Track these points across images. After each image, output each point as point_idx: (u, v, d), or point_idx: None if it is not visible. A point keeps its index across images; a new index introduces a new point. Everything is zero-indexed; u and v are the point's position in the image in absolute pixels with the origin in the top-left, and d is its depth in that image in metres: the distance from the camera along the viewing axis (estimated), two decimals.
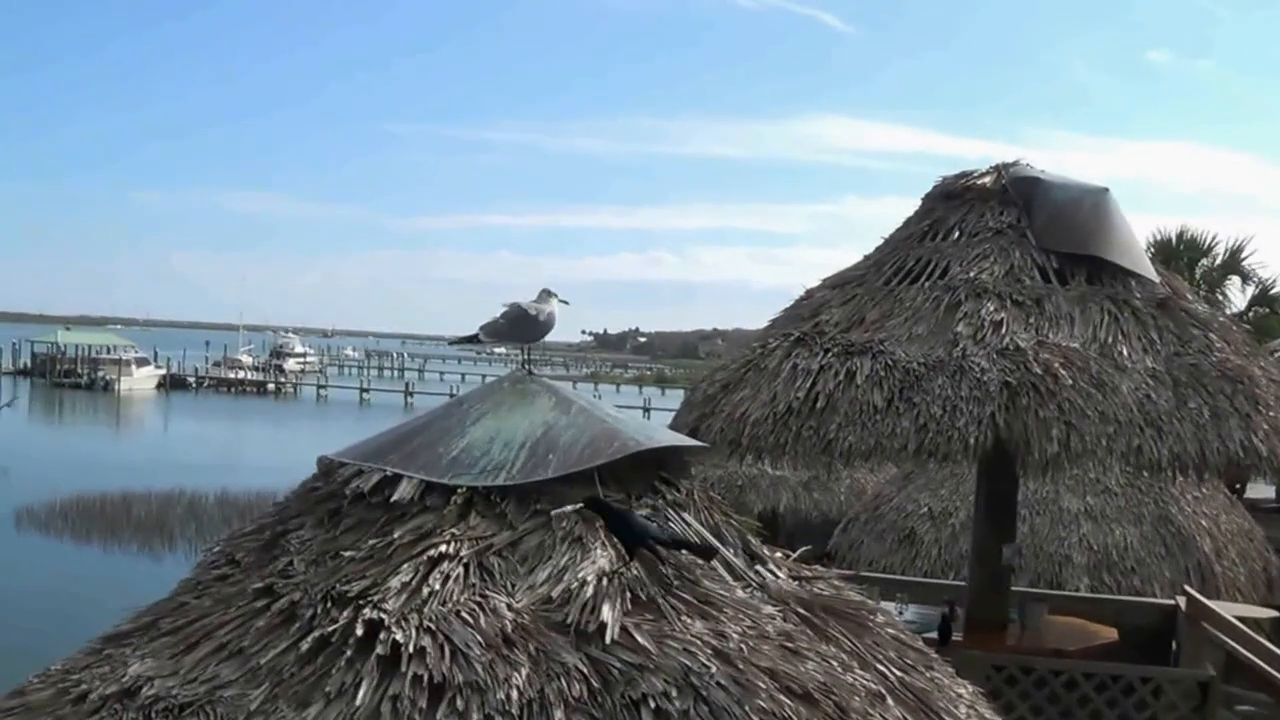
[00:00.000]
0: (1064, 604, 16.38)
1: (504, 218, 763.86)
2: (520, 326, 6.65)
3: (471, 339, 6.74)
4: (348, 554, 5.52)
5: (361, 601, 5.15)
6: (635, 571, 5.43)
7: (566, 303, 6.79)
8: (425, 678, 4.78)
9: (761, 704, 4.80)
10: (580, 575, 5.29)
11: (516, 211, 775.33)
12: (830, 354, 12.73)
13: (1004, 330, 12.51)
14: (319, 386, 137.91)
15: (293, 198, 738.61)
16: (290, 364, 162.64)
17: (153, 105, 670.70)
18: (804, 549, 6.78)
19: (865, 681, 5.32)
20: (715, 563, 5.79)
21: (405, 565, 5.33)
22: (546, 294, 6.73)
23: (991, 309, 12.79)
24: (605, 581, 5.27)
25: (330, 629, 5.06)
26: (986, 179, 14.46)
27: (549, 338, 6.88)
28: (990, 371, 12.02)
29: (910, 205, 14.97)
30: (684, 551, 5.70)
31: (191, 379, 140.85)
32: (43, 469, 55.50)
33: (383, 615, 5.03)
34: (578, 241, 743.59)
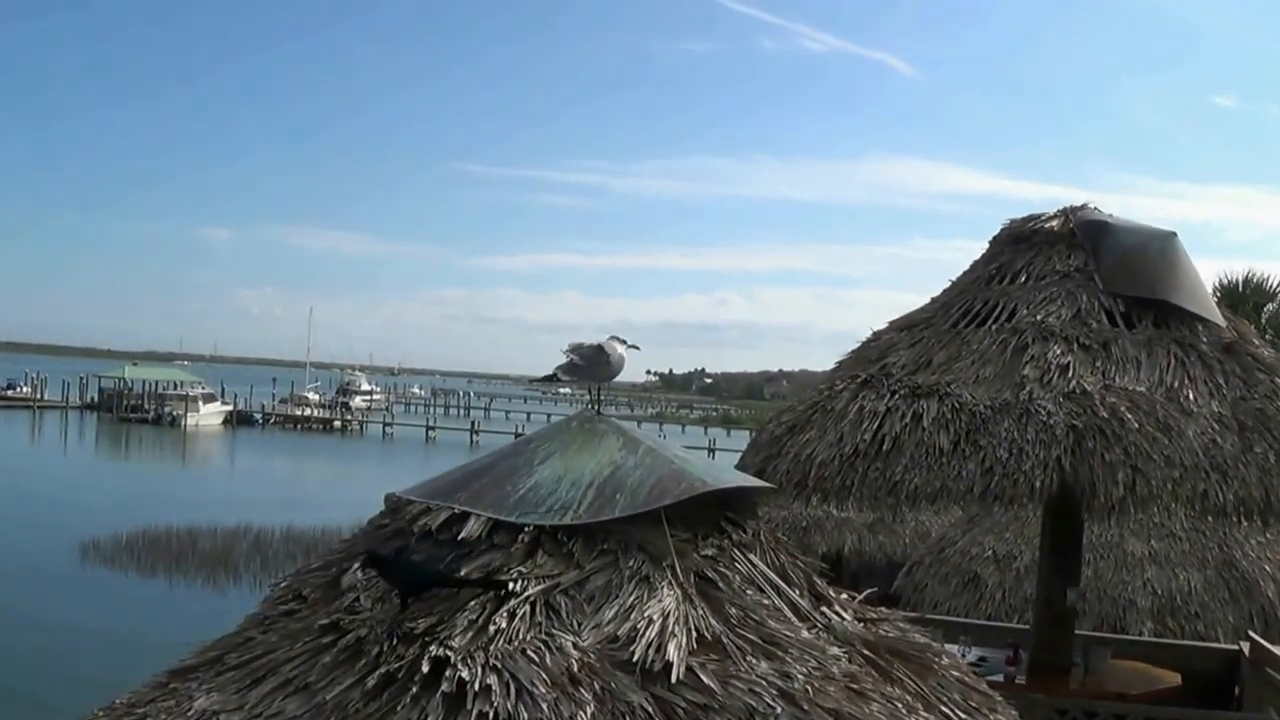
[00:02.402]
0: (1128, 648, 16.24)
1: (570, 257, 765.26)
2: (594, 366, 6.68)
3: (549, 379, 6.78)
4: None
5: (428, 639, 5.16)
6: (696, 609, 5.42)
7: (636, 348, 6.82)
8: (490, 716, 4.78)
9: None
10: (646, 614, 5.29)
11: (583, 251, 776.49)
12: (897, 396, 12.70)
13: (1070, 374, 12.46)
14: (385, 424, 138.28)
15: (360, 236, 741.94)
16: (357, 401, 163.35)
17: (222, 143, 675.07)
18: (869, 591, 6.76)
19: None
20: (780, 603, 5.79)
21: (472, 603, 5.35)
22: (616, 340, 6.76)
23: (1058, 352, 12.74)
24: (671, 621, 5.28)
25: (396, 666, 5.08)
26: (1054, 222, 14.42)
27: (618, 378, 6.91)
28: (1056, 415, 11.95)
29: (977, 248, 14.96)
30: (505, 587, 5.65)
31: (258, 415, 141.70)
32: (108, 503, 55.94)
33: (449, 652, 5.05)
34: (644, 282, 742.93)
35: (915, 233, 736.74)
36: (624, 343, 6.74)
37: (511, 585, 5.40)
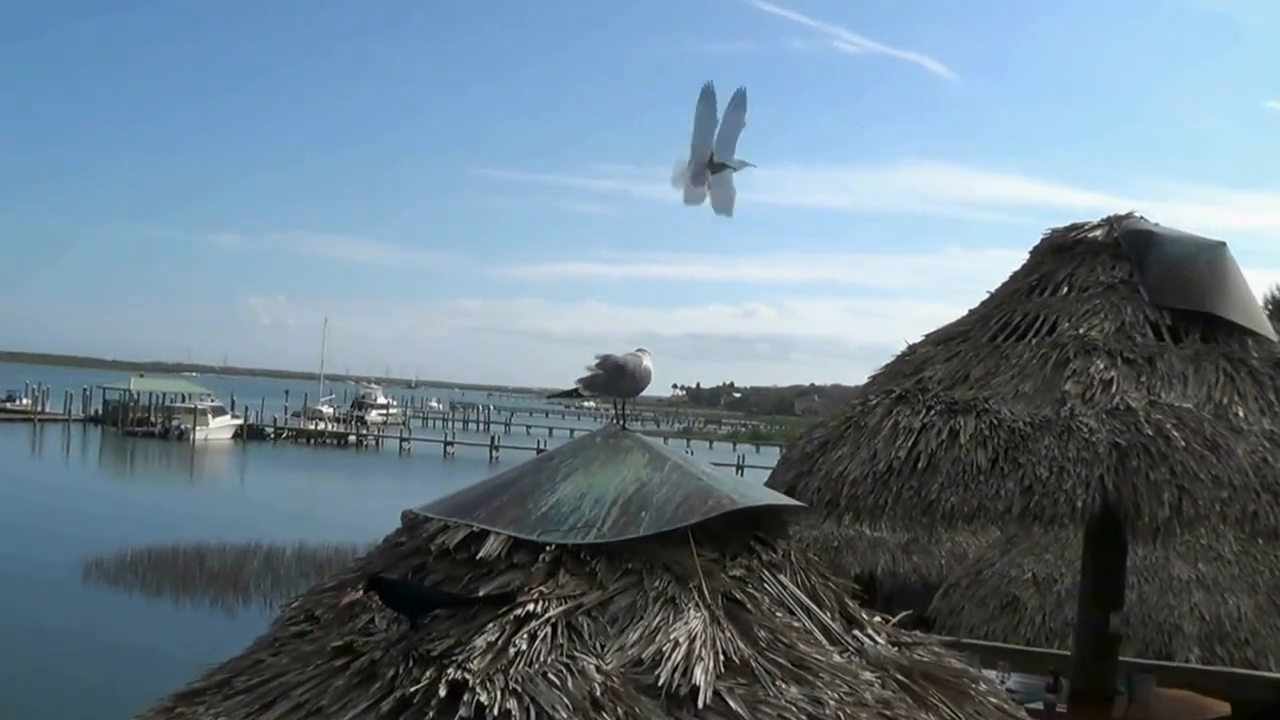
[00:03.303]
0: (1174, 676, 16.17)
1: (593, 267, 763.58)
2: (618, 380, 6.68)
3: (570, 393, 6.79)
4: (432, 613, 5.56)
5: (445, 661, 5.17)
6: (726, 632, 5.43)
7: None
8: None
9: None
10: (672, 637, 5.30)
11: (606, 260, 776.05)
12: (933, 412, 12.69)
13: (1114, 389, 12.43)
14: (402, 439, 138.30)
15: (376, 243, 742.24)
16: (372, 415, 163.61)
17: (232, 147, 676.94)
18: (903, 614, 6.75)
19: None
20: (811, 626, 5.79)
21: (491, 624, 5.36)
22: (642, 353, 6.76)
23: (1101, 367, 12.72)
24: (698, 644, 5.28)
25: (412, 689, 5.09)
26: (1098, 232, 14.39)
27: (643, 392, 6.91)
28: (1099, 432, 11.93)
29: (1016, 258, 14.94)
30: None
31: (269, 429, 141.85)
32: (112, 520, 55.85)
33: (467, 676, 5.05)
34: (669, 292, 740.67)
35: (952, 242, 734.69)
36: (647, 353, 6.76)
37: (532, 606, 5.41)
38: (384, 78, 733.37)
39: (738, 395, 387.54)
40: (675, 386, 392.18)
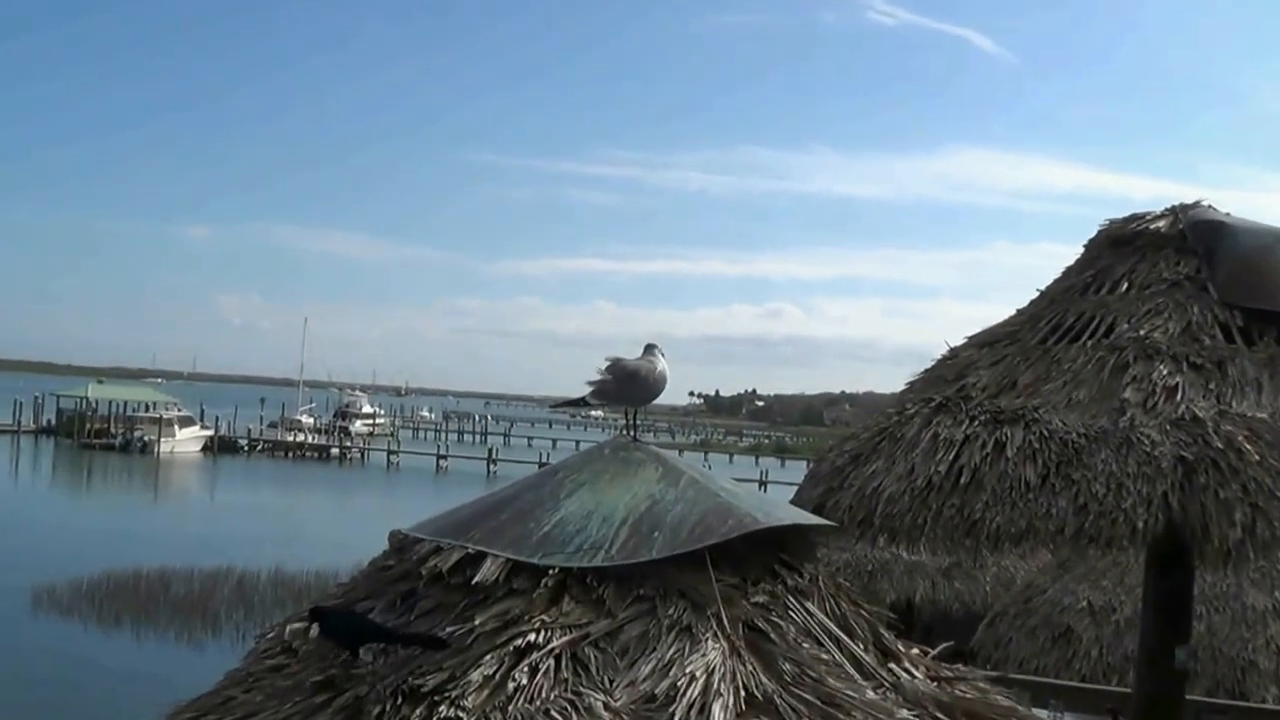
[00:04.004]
0: (1248, 716, 16.16)
1: (602, 262, 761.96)
2: (629, 387, 6.67)
3: (576, 402, 6.79)
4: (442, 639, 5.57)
5: (437, 698, 5.19)
6: (747, 664, 5.43)
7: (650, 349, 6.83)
8: None
9: None
10: (688, 670, 5.31)
11: (616, 256, 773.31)
12: (977, 422, 12.68)
13: (1179, 397, 12.41)
14: (390, 452, 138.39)
15: (362, 236, 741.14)
16: (357, 426, 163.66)
17: (201, 129, 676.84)
18: (944, 645, 6.76)
19: None
20: (841, 658, 5.80)
21: (488, 656, 5.37)
22: (653, 349, 6.74)
23: (1165, 372, 12.69)
24: (716, 678, 5.29)
25: None
26: (1161, 223, 14.37)
27: (656, 400, 6.91)
28: (1163, 445, 11.90)
29: (1070, 253, 14.92)
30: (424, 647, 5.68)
31: (243, 441, 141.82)
32: (67, 543, 55.74)
33: (461, 714, 5.07)
34: (686, 291, 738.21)
35: (998, 235, 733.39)
36: (662, 353, 6.75)
37: (534, 636, 5.43)
38: (369, 54, 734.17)
39: (760, 404, 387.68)
40: (692, 394, 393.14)
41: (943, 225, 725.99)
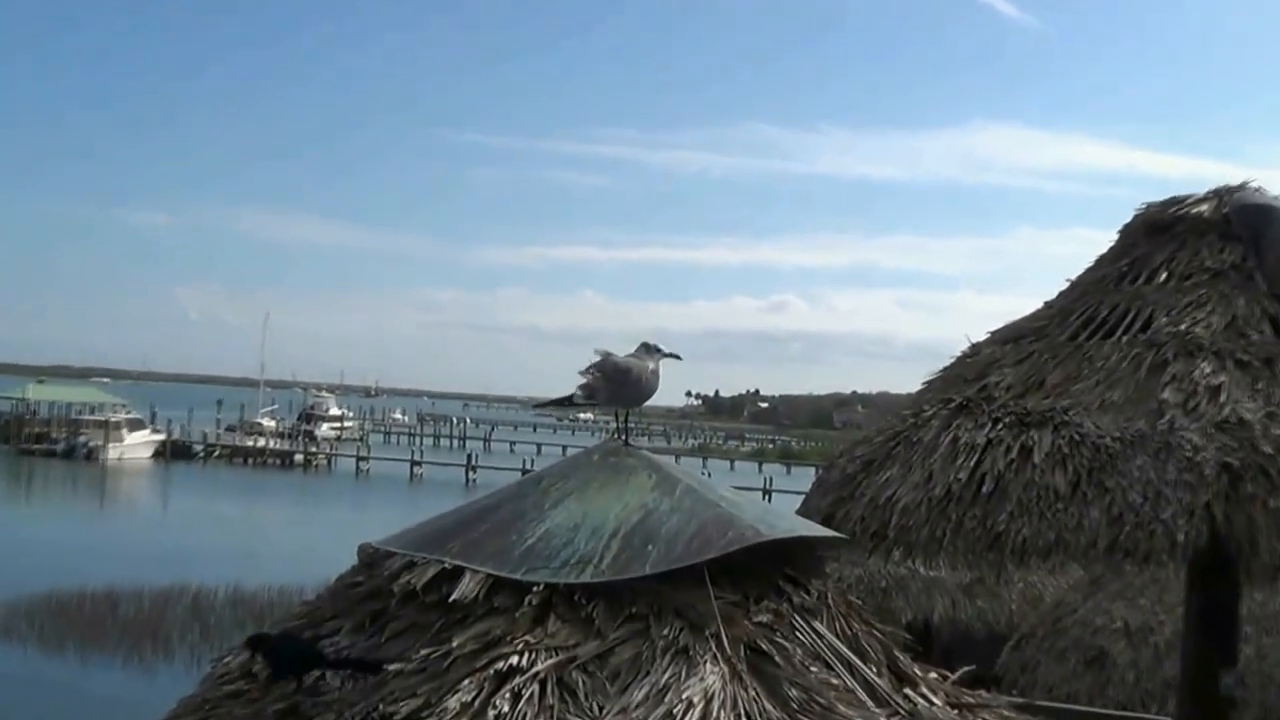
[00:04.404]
0: None
1: (590, 250, 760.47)
2: (620, 386, 6.66)
3: (562, 402, 6.79)
4: (395, 667, 5.57)
5: None
6: (752, 691, 5.44)
7: (677, 357, 6.83)
8: None
9: None
10: (685, 696, 5.31)
11: (606, 243, 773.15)
12: (1000, 425, 12.69)
13: (1224, 398, 12.41)
14: (359, 458, 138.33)
15: (330, 222, 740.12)
16: (323, 429, 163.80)
17: (156, 104, 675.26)
18: (964, 669, 6.77)
19: None
20: (853, 683, 5.80)
21: (466, 681, 5.37)
22: (648, 349, 6.74)
23: (1208, 371, 12.69)
24: (715, 704, 5.29)
25: None
26: (1203, 207, 14.36)
27: (649, 400, 6.90)
28: (1206, 450, 11.90)
29: (1103, 239, 14.92)
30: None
31: (198, 446, 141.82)
32: (4, 559, 55.51)
33: None
34: (683, 282, 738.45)
35: (1024, 220, 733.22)
36: (659, 351, 6.75)
37: (516, 659, 5.43)
38: (341, 29, 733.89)
39: (764, 405, 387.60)
40: (689, 394, 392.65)
41: (964, 209, 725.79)
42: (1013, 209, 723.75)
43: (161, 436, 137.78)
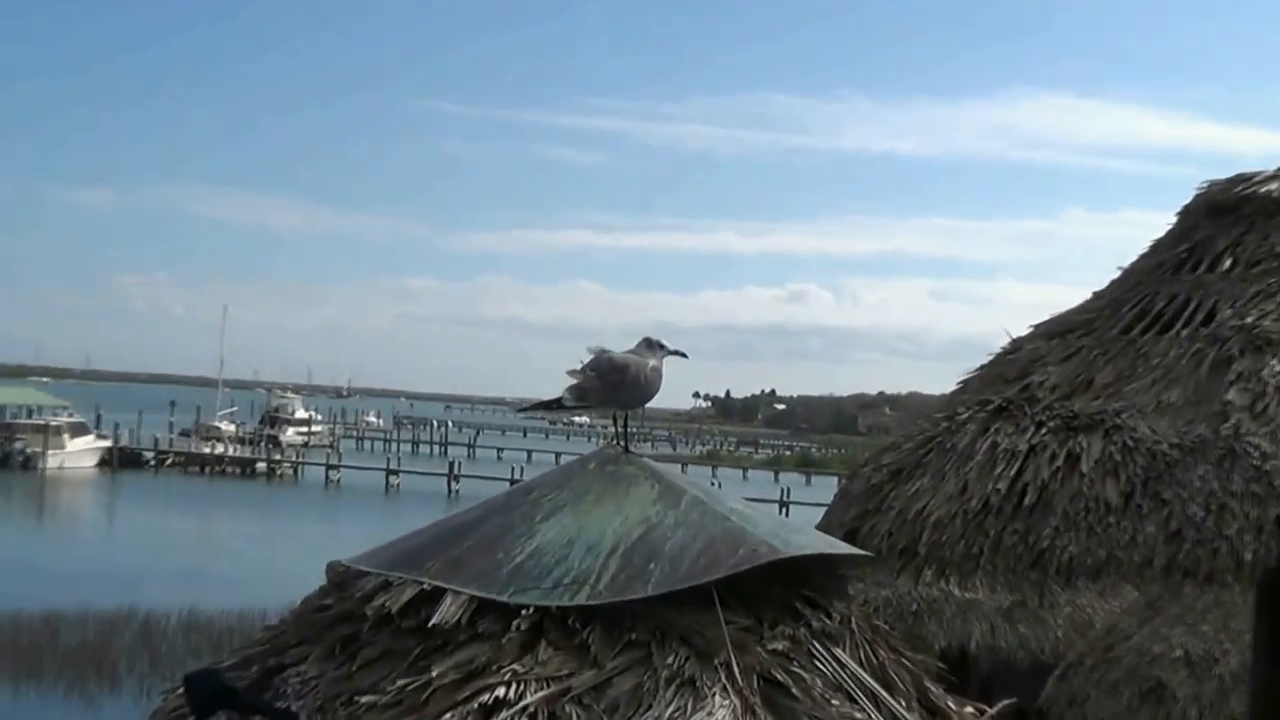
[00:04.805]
0: None
1: (585, 234, 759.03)
2: (616, 388, 6.66)
3: (552, 404, 6.79)
4: (367, 699, 5.58)
5: None
6: None
7: (683, 355, 6.83)
8: None
9: None
10: None
11: (602, 227, 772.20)
12: (1044, 430, 12.69)
13: None
14: (329, 466, 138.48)
15: (296, 203, 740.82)
16: (289, 434, 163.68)
17: (99, 68, 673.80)
18: (1005, 702, 6.80)
19: None
20: (879, 718, 5.81)
21: (448, 715, 5.39)
22: (650, 345, 6.73)
23: (1278, 369, 12.69)
24: None
25: None
26: (1273, 185, 14.35)
27: (652, 401, 6.90)
28: (1275, 458, 11.89)
29: (1160, 222, 14.92)
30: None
31: (149, 454, 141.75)
32: None
33: None
34: (688, 270, 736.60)
35: (1072, 201, 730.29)
36: (662, 348, 6.75)
37: (503, 691, 5.44)
38: None
39: (781, 407, 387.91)
40: (697, 395, 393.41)
41: (1005, 189, 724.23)
42: (1059, 188, 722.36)
43: (107, 443, 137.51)
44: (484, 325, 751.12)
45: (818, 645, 6.00)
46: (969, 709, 6.40)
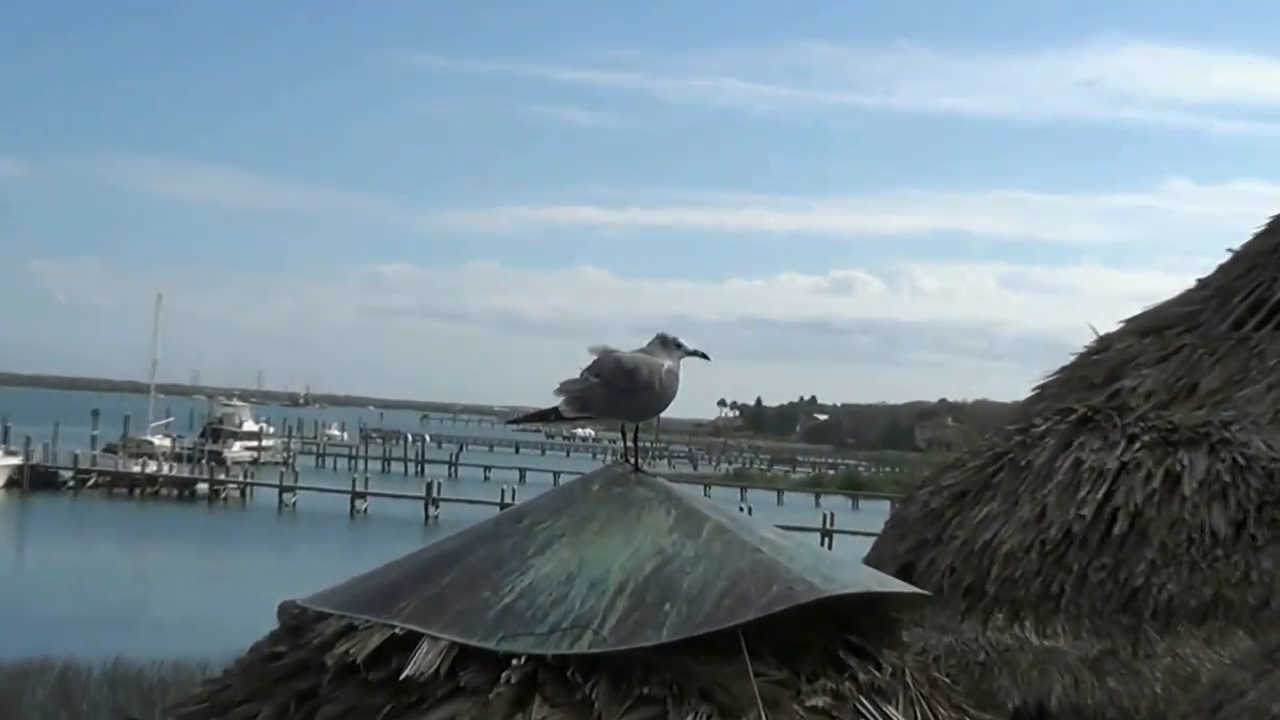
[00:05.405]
0: None
1: (589, 211, 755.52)
2: (625, 393, 6.66)
3: (549, 415, 6.80)
4: None
5: None
6: None
7: (704, 356, 6.83)
8: None
9: None
10: None
11: (609, 201, 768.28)
12: (1138, 444, 12.70)
13: None
14: (283, 488, 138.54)
15: (244, 175, 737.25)
16: (235, 450, 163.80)
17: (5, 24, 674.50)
18: None
19: None
20: None
21: None
22: (664, 344, 6.74)
23: None
24: None
25: None
26: None
27: (669, 412, 6.91)
28: None
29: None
30: None
31: (67, 473, 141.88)
32: None
33: None
34: (712, 253, 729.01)
35: (1172, 171, 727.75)
36: (679, 348, 6.75)
37: None
38: None
39: (822, 417, 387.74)
40: (723, 404, 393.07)
41: (1090, 156, 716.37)
42: (1156, 155, 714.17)
43: (17, 460, 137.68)
44: (468, 320, 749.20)
45: (865, 702, 6.01)
46: None
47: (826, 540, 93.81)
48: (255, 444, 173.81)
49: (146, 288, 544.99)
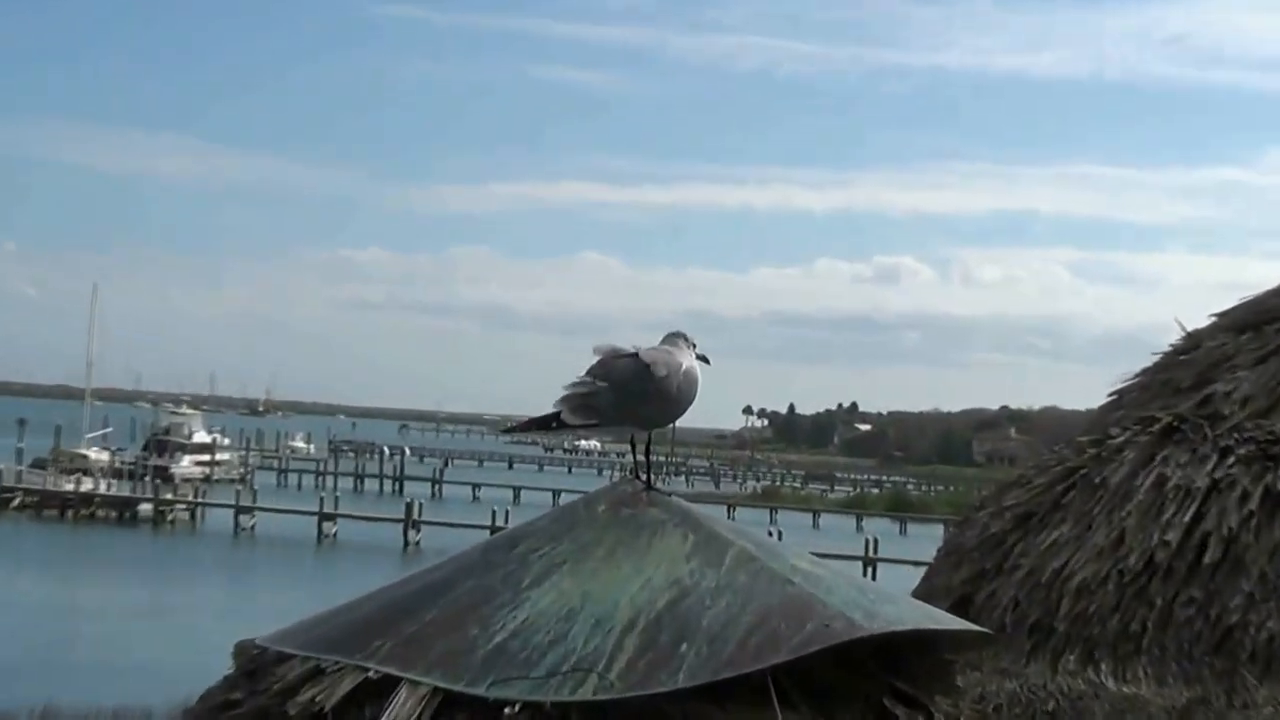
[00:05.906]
0: None
1: (594, 188, 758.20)
2: (636, 398, 6.64)
3: (548, 423, 6.79)
4: None
5: None
6: None
7: (705, 360, 6.81)
8: None
9: None
10: None
11: (616, 177, 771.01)
12: (1233, 459, 12.69)
13: None
14: (240, 509, 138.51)
15: (191, 142, 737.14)
16: (184, 465, 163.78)
17: None
18: None
19: None
20: None
21: None
22: (677, 340, 6.73)
23: None
24: None
25: None
26: None
27: (686, 420, 6.90)
28: None
29: None
30: None
31: None
32: None
33: None
34: (735, 237, 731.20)
35: (1273, 140, 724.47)
36: (693, 346, 6.73)
37: None
38: None
39: (865, 428, 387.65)
40: (749, 411, 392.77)
41: (1174, 124, 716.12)
42: (1256, 123, 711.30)
43: None
44: (454, 314, 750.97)
45: None
46: None
47: (869, 570, 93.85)
48: (207, 458, 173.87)
49: (80, 276, 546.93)
